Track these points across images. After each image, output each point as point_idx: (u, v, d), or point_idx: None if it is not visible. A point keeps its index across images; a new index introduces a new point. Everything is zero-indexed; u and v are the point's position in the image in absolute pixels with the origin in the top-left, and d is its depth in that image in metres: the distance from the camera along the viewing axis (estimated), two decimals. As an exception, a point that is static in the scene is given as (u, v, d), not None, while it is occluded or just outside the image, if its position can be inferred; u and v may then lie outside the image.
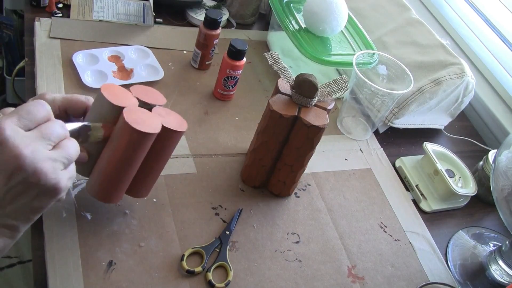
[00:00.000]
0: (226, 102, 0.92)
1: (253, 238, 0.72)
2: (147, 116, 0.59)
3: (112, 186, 0.60)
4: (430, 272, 0.76)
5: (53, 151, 0.46)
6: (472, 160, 0.96)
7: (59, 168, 0.47)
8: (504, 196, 0.70)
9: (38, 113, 0.46)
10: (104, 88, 0.58)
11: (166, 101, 0.64)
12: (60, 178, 0.46)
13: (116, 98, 0.57)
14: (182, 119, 0.64)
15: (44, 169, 0.44)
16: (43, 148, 0.45)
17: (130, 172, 0.60)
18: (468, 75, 0.94)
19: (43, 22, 0.92)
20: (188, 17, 1.07)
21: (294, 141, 0.71)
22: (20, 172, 0.43)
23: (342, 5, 0.93)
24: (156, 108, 0.62)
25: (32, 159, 0.43)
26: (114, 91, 0.58)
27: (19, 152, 0.43)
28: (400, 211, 0.84)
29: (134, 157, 0.58)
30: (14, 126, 0.44)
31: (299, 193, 0.81)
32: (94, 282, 0.60)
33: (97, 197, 0.61)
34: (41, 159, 0.44)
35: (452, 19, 1.24)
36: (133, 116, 0.56)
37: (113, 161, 0.57)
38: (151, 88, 0.65)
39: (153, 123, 0.58)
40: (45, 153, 0.45)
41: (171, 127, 0.60)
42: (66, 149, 0.48)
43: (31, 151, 0.43)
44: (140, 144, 0.57)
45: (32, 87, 0.82)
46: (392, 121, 0.94)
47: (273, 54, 0.72)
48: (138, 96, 0.61)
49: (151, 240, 0.67)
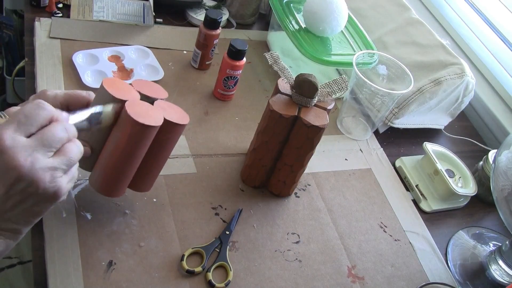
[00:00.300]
0: (226, 102, 0.92)
1: (253, 238, 0.72)
2: (149, 109, 0.59)
3: (114, 180, 0.60)
4: (430, 272, 0.76)
5: (53, 158, 0.46)
6: (472, 160, 0.96)
7: (58, 175, 0.46)
8: (504, 196, 0.70)
9: (37, 116, 0.46)
10: (106, 81, 0.58)
11: (167, 95, 0.64)
12: (59, 185, 0.46)
13: (118, 92, 0.57)
14: (184, 112, 0.64)
15: (42, 179, 0.44)
16: (43, 156, 0.45)
17: (132, 165, 0.60)
18: (468, 75, 0.94)
19: (43, 22, 0.92)
20: (188, 17, 1.07)
21: (294, 141, 0.71)
22: (19, 182, 0.44)
23: (342, 5, 0.93)
24: (158, 102, 0.62)
25: (30, 169, 0.43)
26: (116, 85, 0.58)
27: (18, 163, 0.43)
28: (400, 211, 0.84)
29: (136, 150, 0.58)
30: (13, 135, 0.43)
31: (299, 193, 0.81)
32: (94, 282, 0.60)
33: (100, 191, 0.61)
34: (40, 168, 0.44)
35: (452, 19, 1.24)
36: (135, 109, 0.56)
37: (116, 154, 0.58)
38: (153, 83, 0.65)
39: (155, 116, 0.58)
40: (44, 162, 0.45)
41: (173, 120, 0.60)
42: (68, 153, 0.47)
43: (30, 161, 0.43)
44: (142, 137, 0.57)
45: (32, 87, 0.82)
46: (392, 121, 0.94)
47: (273, 54, 0.72)
48: (139, 90, 0.61)
49: (151, 240, 0.67)
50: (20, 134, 0.44)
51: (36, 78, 0.82)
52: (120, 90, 0.58)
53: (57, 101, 0.57)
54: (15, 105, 0.52)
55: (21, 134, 0.44)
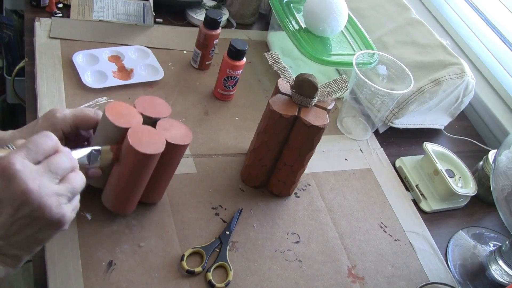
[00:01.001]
0: (226, 102, 0.92)
1: (253, 238, 0.72)
2: (152, 134, 0.60)
3: (124, 199, 0.64)
4: (430, 272, 0.76)
5: (59, 185, 0.48)
6: (472, 160, 0.96)
7: (63, 202, 0.48)
8: (504, 196, 0.70)
9: (45, 145, 0.48)
10: (108, 109, 0.59)
11: (170, 111, 0.65)
12: (64, 212, 0.48)
13: (120, 118, 0.59)
14: (187, 129, 0.65)
15: (49, 204, 0.46)
16: (50, 182, 0.47)
17: (139, 187, 0.63)
18: (468, 75, 0.94)
19: (43, 22, 0.92)
20: (188, 17, 1.07)
21: (294, 141, 0.71)
22: (26, 205, 0.45)
23: (342, 5, 0.93)
24: (160, 122, 0.63)
25: (38, 194, 0.45)
26: (118, 110, 0.60)
27: (26, 187, 0.44)
28: (400, 211, 0.84)
29: (141, 174, 0.61)
30: (23, 160, 0.45)
31: (299, 193, 0.81)
32: (94, 282, 0.60)
33: (112, 209, 0.65)
34: (46, 194, 0.46)
35: (452, 19, 1.24)
36: (138, 136, 0.58)
37: (123, 178, 0.61)
38: (156, 98, 0.66)
39: (157, 142, 0.59)
40: (51, 187, 0.46)
41: (175, 141, 0.62)
42: (72, 182, 0.49)
43: (38, 185, 0.45)
44: (146, 163, 0.60)
45: (32, 87, 0.82)
46: (392, 121, 0.94)
47: (273, 54, 0.72)
48: (142, 110, 0.62)
49: (151, 240, 0.67)
50: (29, 160, 0.46)
51: (36, 78, 0.82)
52: (123, 116, 0.59)
53: (67, 123, 0.60)
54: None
55: (29, 161, 0.46)
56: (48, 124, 0.59)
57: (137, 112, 0.62)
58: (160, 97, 0.66)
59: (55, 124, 0.59)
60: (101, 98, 0.83)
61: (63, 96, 0.81)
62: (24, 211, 0.45)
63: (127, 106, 0.61)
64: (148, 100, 0.64)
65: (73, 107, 0.79)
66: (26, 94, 0.81)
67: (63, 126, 0.60)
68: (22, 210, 0.45)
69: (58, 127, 0.59)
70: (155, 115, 0.63)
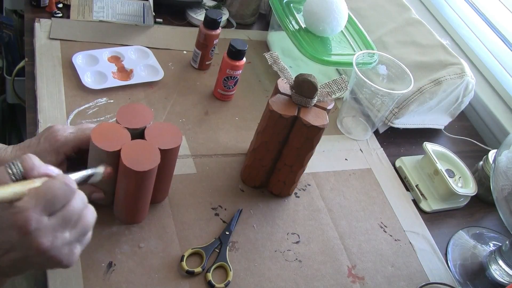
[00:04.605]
0: (226, 102, 0.92)
1: (253, 238, 0.72)
2: (144, 148, 0.60)
3: (134, 211, 0.66)
4: (430, 272, 0.76)
5: (71, 232, 0.47)
6: (472, 160, 0.96)
7: (75, 248, 0.48)
8: (504, 196, 0.70)
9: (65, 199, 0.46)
10: (94, 134, 0.58)
11: (153, 115, 0.64)
12: (74, 259, 0.48)
13: (108, 141, 0.58)
14: (176, 128, 0.64)
15: (60, 257, 0.46)
16: (62, 234, 0.46)
17: (146, 196, 0.64)
18: (468, 75, 0.94)
19: (43, 23, 0.92)
20: (188, 17, 1.07)
21: (294, 141, 0.71)
22: (38, 257, 0.45)
23: (342, 5, 0.93)
24: (148, 130, 0.62)
25: (50, 249, 0.45)
26: (104, 133, 0.59)
27: (39, 244, 0.44)
28: (400, 211, 0.84)
29: (146, 186, 0.62)
30: (39, 218, 0.44)
31: (299, 193, 0.81)
32: (93, 283, 0.60)
33: (126, 223, 0.67)
34: (59, 247, 0.45)
35: (452, 19, 1.24)
36: (131, 156, 0.58)
37: (129, 195, 0.62)
38: (135, 104, 0.64)
39: (152, 154, 0.59)
40: (63, 239, 0.46)
41: (168, 146, 0.62)
42: (85, 221, 0.48)
43: (51, 242, 0.44)
44: (148, 177, 0.60)
45: (32, 87, 0.82)
46: (392, 121, 0.94)
47: (273, 54, 0.72)
48: (127, 124, 0.61)
49: (150, 240, 0.67)
50: (45, 215, 0.44)
51: (36, 79, 0.82)
52: (110, 139, 0.58)
53: (69, 146, 0.60)
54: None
55: (45, 214, 0.44)
56: (51, 148, 0.59)
57: (122, 128, 0.60)
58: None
59: (58, 148, 0.59)
60: (101, 99, 0.83)
61: (63, 98, 0.81)
62: (36, 260, 0.45)
63: (111, 126, 0.60)
64: (128, 110, 0.63)
65: (73, 109, 0.80)
66: (26, 94, 0.81)
67: (66, 150, 0.59)
68: (34, 258, 0.45)
69: (61, 151, 0.59)
70: (140, 125, 0.62)
